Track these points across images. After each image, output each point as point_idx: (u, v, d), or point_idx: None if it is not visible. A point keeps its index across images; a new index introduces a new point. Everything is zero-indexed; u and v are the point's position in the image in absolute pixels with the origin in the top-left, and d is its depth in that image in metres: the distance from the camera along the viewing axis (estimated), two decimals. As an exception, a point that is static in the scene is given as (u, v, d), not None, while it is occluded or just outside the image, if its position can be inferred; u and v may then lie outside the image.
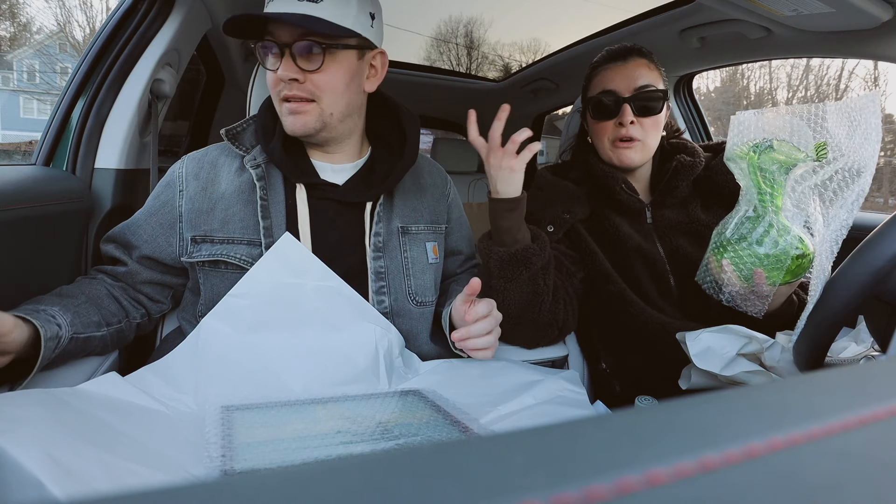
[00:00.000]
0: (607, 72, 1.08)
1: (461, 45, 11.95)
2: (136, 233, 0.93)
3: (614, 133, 1.06)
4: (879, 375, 0.25)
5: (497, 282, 0.95)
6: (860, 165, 0.74)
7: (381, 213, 0.96)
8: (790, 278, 0.84)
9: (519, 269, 0.93)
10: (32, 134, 11.84)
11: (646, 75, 1.04)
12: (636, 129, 1.04)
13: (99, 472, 0.52)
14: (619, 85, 1.05)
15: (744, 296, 0.87)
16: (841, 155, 0.77)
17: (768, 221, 0.83)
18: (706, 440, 0.17)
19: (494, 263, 0.94)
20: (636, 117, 1.04)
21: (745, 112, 0.86)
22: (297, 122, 0.88)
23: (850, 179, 0.75)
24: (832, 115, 0.79)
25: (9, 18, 13.42)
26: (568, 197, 1.11)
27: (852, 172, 0.75)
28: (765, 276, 0.83)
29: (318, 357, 0.84)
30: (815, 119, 0.80)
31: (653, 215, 1.10)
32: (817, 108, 0.80)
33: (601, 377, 1.13)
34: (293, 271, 0.86)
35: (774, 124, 0.83)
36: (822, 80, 11.93)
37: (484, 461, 0.16)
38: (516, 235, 0.93)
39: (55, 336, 0.74)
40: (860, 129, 0.75)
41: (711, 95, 12.22)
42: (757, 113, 0.85)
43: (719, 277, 0.88)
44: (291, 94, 0.86)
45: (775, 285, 0.83)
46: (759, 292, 0.85)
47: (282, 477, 0.15)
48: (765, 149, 0.83)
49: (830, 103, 0.80)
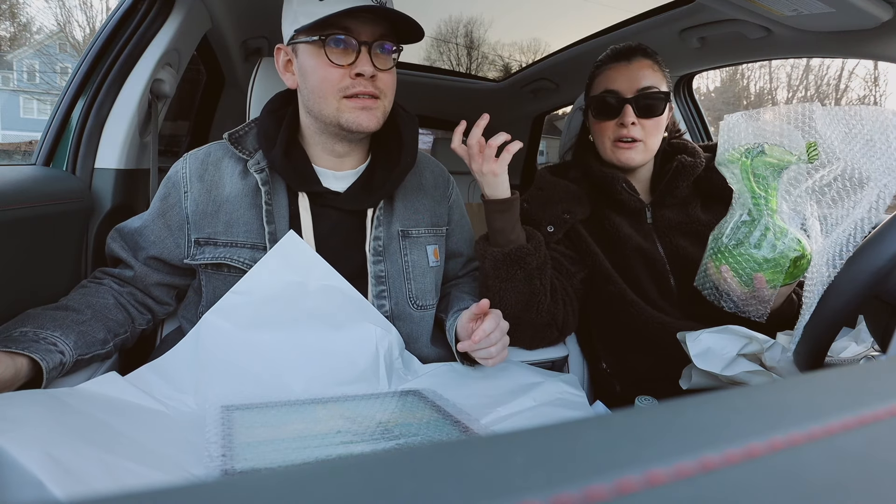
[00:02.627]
0: (610, 71, 1.08)
1: (461, 45, 11.95)
2: (143, 234, 0.92)
3: (615, 133, 1.06)
4: (879, 375, 0.25)
5: (493, 282, 0.96)
6: (864, 175, 0.74)
7: (382, 217, 0.96)
8: (789, 280, 0.84)
9: (514, 269, 0.94)
10: (32, 134, 11.82)
11: (649, 76, 1.04)
12: (637, 130, 1.04)
13: (99, 472, 0.52)
14: (622, 85, 1.05)
15: (745, 301, 0.87)
16: (836, 159, 0.76)
17: (764, 225, 0.83)
18: (706, 440, 0.17)
19: (489, 263, 0.95)
20: (638, 118, 1.04)
21: (734, 115, 0.86)
22: (371, 117, 0.88)
23: (850, 189, 0.75)
24: (821, 118, 0.79)
25: (9, 18, 13.42)
26: (568, 197, 1.11)
27: (854, 182, 0.74)
28: (765, 280, 0.83)
29: (319, 357, 0.84)
30: (803, 119, 0.80)
31: (653, 215, 1.10)
32: (804, 108, 0.81)
33: (601, 377, 1.13)
34: (296, 269, 0.86)
35: (765, 128, 0.83)
36: (822, 80, 11.93)
37: (484, 461, 0.16)
38: (510, 236, 0.94)
39: (58, 365, 0.73)
40: (861, 138, 0.75)
41: (711, 95, 12.21)
42: (746, 116, 0.85)
43: (719, 283, 0.88)
44: (365, 90, 0.86)
45: (776, 288, 0.83)
46: (760, 296, 0.85)
47: (282, 477, 0.15)
48: (757, 153, 0.83)
49: (817, 105, 0.81)
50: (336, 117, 0.88)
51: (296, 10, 0.87)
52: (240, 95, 1.90)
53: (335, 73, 0.86)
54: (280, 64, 0.94)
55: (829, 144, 0.77)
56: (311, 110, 0.91)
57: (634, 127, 1.04)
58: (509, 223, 0.93)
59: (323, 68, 0.86)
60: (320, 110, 0.89)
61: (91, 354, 0.80)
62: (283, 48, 0.92)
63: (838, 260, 0.70)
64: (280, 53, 0.93)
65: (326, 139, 0.94)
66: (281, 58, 0.93)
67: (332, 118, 0.88)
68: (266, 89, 1.03)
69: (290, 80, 0.93)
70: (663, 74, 1.07)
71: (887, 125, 0.74)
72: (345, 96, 0.87)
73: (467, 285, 1.10)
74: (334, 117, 0.88)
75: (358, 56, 0.85)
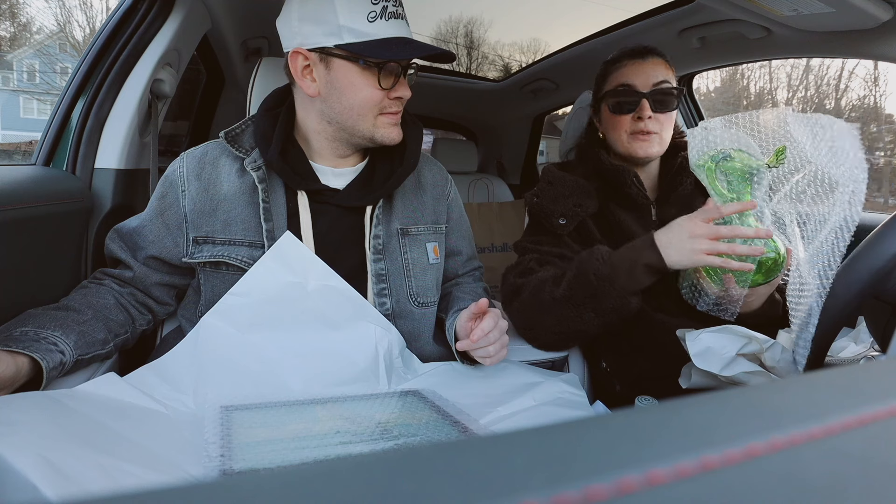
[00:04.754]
0: (626, 68, 1.10)
1: (461, 45, 11.94)
2: (142, 233, 0.92)
3: (632, 126, 1.09)
4: (879, 375, 0.25)
5: (561, 292, 0.96)
6: (833, 179, 0.76)
7: (381, 215, 0.96)
8: (763, 279, 0.87)
9: (586, 300, 0.93)
10: (32, 134, 11.82)
11: (662, 73, 1.08)
12: (654, 124, 1.07)
13: (96, 474, 0.52)
14: (638, 81, 1.08)
15: (716, 301, 0.90)
16: (808, 162, 0.79)
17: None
18: (706, 440, 0.17)
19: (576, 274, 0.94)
20: (654, 112, 1.07)
21: (704, 122, 0.91)
22: (399, 132, 0.95)
23: (823, 193, 0.77)
24: (794, 122, 0.83)
25: (9, 18, 13.42)
26: (578, 191, 1.12)
27: (825, 186, 0.77)
28: (734, 280, 0.86)
29: (318, 357, 0.84)
30: (777, 123, 0.85)
31: (657, 212, 1.11)
32: (778, 112, 0.85)
33: (601, 377, 1.13)
34: (294, 270, 0.86)
35: (727, 136, 0.88)
36: (822, 80, 11.93)
37: (484, 461, 0.16)
38: (629, 288, 0.92)
39: (58, 365, 0.73)
40: (825, 144, 0.77)
41: (711, 95, 12.22)
42: (711, 125, 0.90)
43: (696, 283, 0.92)
44: (399, 109, 0.94)
45: (746, 286, 0.86)
46: (730, 296, 0.88)
47: (281, 477, 0.15)
48: (721, 159, 0.88)
49: (790, 110, 0.84)
50: (371, 133, 0.91)
51: (333, 21, 0.84)
52: (240, 95, 1.90)
53: (379, 94, 0.89)
54: (298, 69, 0.89)
55: (802, 149, 0.80)
56: (338, 122, 0.91)
57: (651, 121, 1.07)
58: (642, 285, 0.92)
59: (369, 89, 0.88)
60: (354, 125, 0.91)
61: (91, 354, 0.80)
62: (303, 52, 0.87)
63: (829, 270, 0.72)
64: (298, 58, 0.88)
65: (338, 145, 0.95)
66: (299, 63, 0.88)
67: (366, 133, 0.91)
68: (266, 89, 1.03)
69: (311, 88, 0.89)
70: (673, 73, 1.11)
71: (845, 134, 0.76)
72: (383, 113, 0.91)
73: (467, 285, 1.10)
74: (369, 133, 0.91)
75: (397, 80, 0.90)
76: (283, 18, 0.90)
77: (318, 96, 0.90)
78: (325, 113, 0.91)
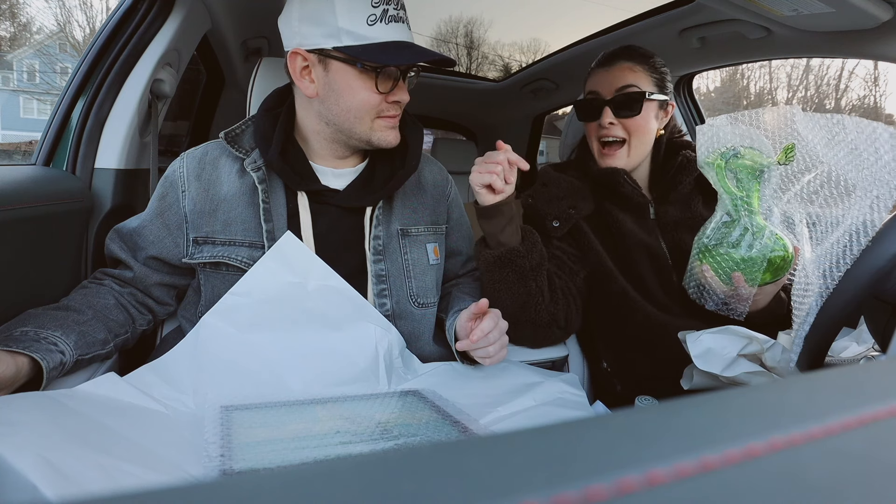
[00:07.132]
0: (593, 76, 1.12)
1: (461, 45, 11.96)
2: (142, 234, 0.92)
3: (598, 133, 1.09)
4: (879, 375, 0.25)
5: (487, 283, 0.98)
6: (850, 183, 0.74)
7: (381, 216, 0.96)
8: (770, 278, 0.86)
9: (505, 271, 0.95)
10: (32, 134, 11.83)
11: (629, 77, 1.06)
12: (618, 130, 1.07)
13: (96, 474, 0.52)
14: (602, 88, 1.08)
15: (726, 299, 0.90)
16: (820, 162, 0.78)
17: (743, 225, 0.86)
18: (706, 440, 0.17)
19: (482, 265, 0.97)
20: (617, 118, 1.06)
21: (712, 119, 0.89)
22: (397, 134, 0.94)
23: (838, 196, 0.75)
24: (802, 121, 0.81)
25: (9, 18, 13.42)
26: (573, 193, 1.12)
27: (840, 189, 0.75)
28: (743, 279, 0.85)
29: (318, 357, 0.84)
30: (784, 121, 0.83)
31: (656, 211, 1.11)
32: (786, 110, 0.83)
33: (602, 377, 1.13)
34: (294, 270, 0.86)
35: (736, 132, 0.86)
36: (822, 80, 11.94)
37: (484, 461, 0.16)
38: (500, 238, 0.95)
39: (58, 365, 0.73)
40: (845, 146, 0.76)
41: (711, 95, 12.22)
42: (719, 122, 0.88)
43: (703, 282, 0.91)
44: (397, 113, 0.93)
45: (755, 285, 0.85)
46: (739, 295, 0.88)
47: (281, 477, 0.15)
48: (731, 157, 0.86)
49: (798, 109, 0.83)
50: (368, 135, 0.91)
51: (333, 23, 0.84)
52: (240, 95, 1.89)
53: (377, 98, 0.89)
54: (296, 70, 0.88)
55: (812, 148, 0.79)
56: (336, 123, 0.91)
57: (614, 126, 1.07)
58: (498, 227, 0.94)
59: (366, 92, 0.88)
60: (351, 127, 0.91)
61: (91, 354, 0.80)
62: (302, 53, 0.87)
63: (835, 271, 0.71)
64: (297, 58, 0.87)
65: (336, 146, 0.95)
66: (298, 63, 0.88)
67: (363, 136, 0.91)
68: (266, 90, 1.03)
69: (309, 89, 0.89)
70: (648, 75, 1.08)
71: (875, 137, 0.75)
72: (381, 117, 0.91)
73: (467, 285, 1.10)
74: (366, 135, 0.91)
75: (396, 84, 0.89)
76: (284, 17, 0.90)
77: (316, 97, 0.90)
78: (323, 114, 0.91)
